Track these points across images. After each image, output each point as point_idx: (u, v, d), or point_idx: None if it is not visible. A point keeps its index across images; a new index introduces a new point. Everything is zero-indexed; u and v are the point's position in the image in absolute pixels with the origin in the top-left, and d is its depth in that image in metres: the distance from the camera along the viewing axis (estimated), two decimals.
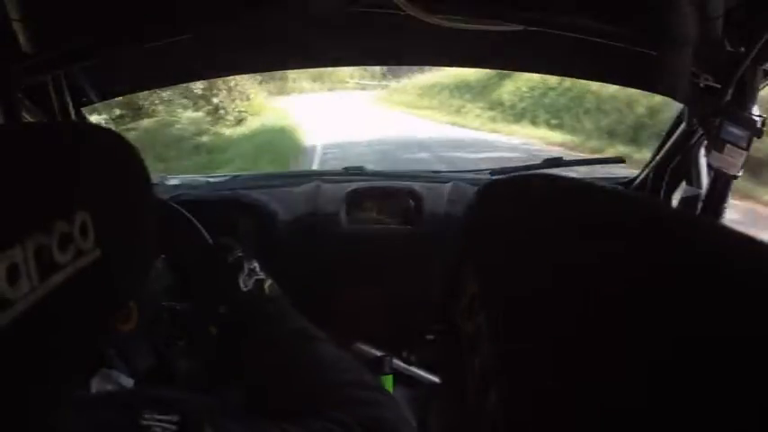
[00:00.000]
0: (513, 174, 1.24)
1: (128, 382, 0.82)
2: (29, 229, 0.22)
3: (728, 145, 0.72)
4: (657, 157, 1.10)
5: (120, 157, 0.30)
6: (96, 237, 0.26)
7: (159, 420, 0.33)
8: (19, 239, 0.21)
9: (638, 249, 0.16)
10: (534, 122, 9.91)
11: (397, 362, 1.02)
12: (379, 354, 1.01)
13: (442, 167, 2.61)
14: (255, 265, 0.61)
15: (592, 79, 1.25)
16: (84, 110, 1.05)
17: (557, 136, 8.84)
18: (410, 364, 1.04)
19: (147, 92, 6.86)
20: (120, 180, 0.30)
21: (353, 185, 1.21)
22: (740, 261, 0.14)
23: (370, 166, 1.44)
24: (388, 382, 1.03)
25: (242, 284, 0.58)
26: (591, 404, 0.15)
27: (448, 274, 0.23)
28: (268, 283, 0.60)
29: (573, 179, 0.20)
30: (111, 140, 0.30)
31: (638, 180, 1.19)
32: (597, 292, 0.16)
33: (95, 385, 0.84)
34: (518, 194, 0.22)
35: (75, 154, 0.27)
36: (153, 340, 0.83)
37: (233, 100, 10.60)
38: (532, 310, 0.17)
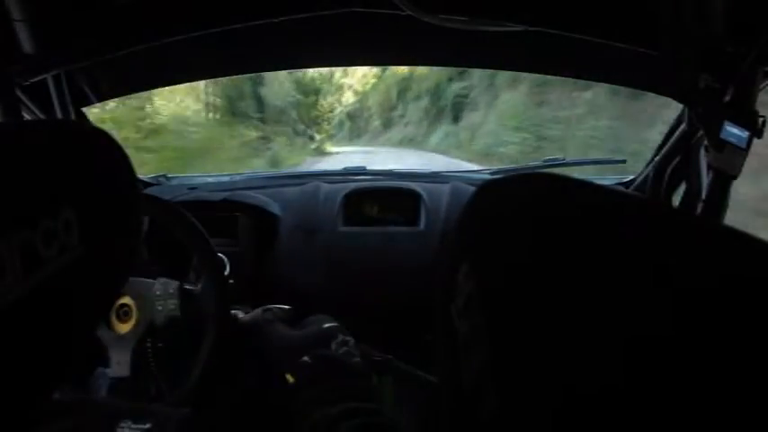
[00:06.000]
0: (512, 173, 1.24)
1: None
2: (14, 224, 0.22)
3: (728, 145, 0.72)
4: (657, 158, 1.10)
5: (106, 156, 0.30)
6: (81, 233, 0.26)
7: (133, 428, 0.36)
8: (4, 235, 0.22)
9: (637, 249, 0.16)
10: None
11: (397, 362, 1.02)
12: (379, 354, 1.01)
13: None
14: (351, 340, 0.62)
15: (592, 79, 1.25)
16: None
17: None
18: (410, 364, 1.04)
19: None
20: (106, 178, 0.30)
21: (353, 185, 1.21)
22: (739, 261, 0.14)
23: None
24: (388, 382, 1.03)
25: (333, 347, 0.59)
26: (589, 406, 0.15)
27: (443, 273, 0.23)
28: (356, 359, 0.60)
29: (573, 178, 0.20)
30: (98, 139, 0.30)
31: (638, 180, 1.19)
32: (597, 292, 0.16)
33: (92, 384, 0.84)
34: (517, 193, 0.21)
35: (62, 151, 0.27)
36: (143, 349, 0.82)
37: None
38: (531, 309, 0.17)
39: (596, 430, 0.14)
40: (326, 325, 0.62)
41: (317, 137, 13.23)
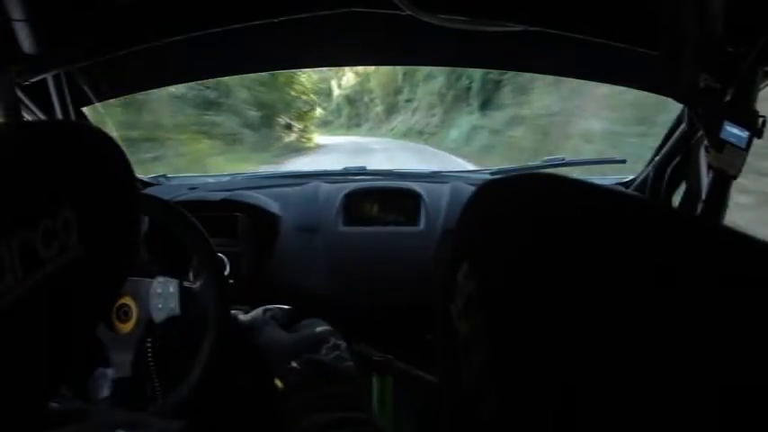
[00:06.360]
0: (513, 173, 1.24)
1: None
2: (14, 224, 0.22)
3: (728, 145, 0.72)
4: (657, 158, 1.10)
5: (105, 155, 0.31)
6: (80, 233, 0.26)
7: None
8: (3, 235, 0.22)
9: (637, 249, 0.16)
10: None
11: (397, 362, 1.02)
12: (379, 354, 1.01)
13: None
14: (343, 344, 0.60)
15: (592, 79, 1.25)
16: None
17: None
18: (410, 364, 1.04)
19: None
20: (105, 178, 0.30)
21: (353, 185, 1.21)
22: (738, 261, 0.14)
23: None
24: (388, 382, 1.03)
25: (323, 351, 0.58)
26: (589, 406, 0.15)
27: (443, 273, 0.23)
28: (347, 363, 0.58)
29: (573, 178, 0.20)
30: (97, 139, 0.30)
31: (638, 180, 1.19)
32: (597, 292, 0.16)
33: (93, 384, 0.84)
34: (518, 193, 0.21)
35: (60, 151, 0.27)
36: (143, 349, 0.82)
37: None
38: (531, 309, 0.17)
39: (596, 430, 0.15)
40: (319, 329, 0.60)
41: (297, 126, 10.14)
